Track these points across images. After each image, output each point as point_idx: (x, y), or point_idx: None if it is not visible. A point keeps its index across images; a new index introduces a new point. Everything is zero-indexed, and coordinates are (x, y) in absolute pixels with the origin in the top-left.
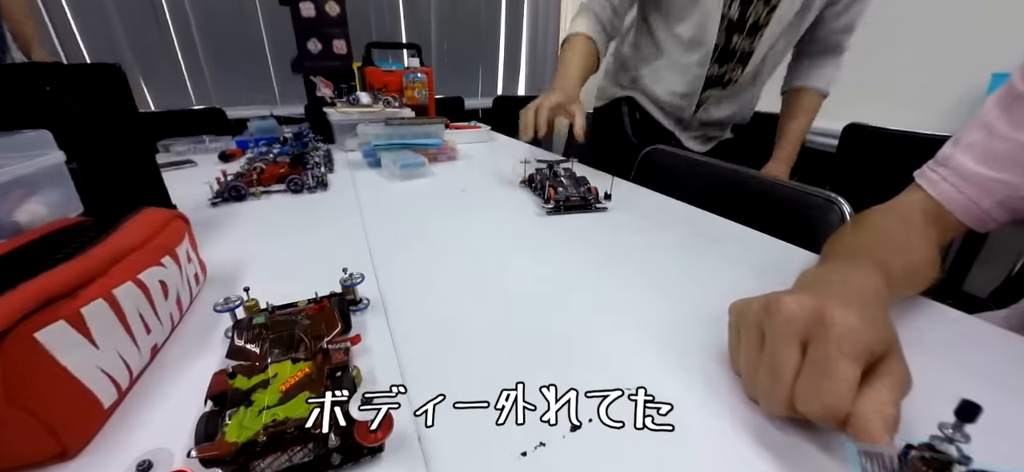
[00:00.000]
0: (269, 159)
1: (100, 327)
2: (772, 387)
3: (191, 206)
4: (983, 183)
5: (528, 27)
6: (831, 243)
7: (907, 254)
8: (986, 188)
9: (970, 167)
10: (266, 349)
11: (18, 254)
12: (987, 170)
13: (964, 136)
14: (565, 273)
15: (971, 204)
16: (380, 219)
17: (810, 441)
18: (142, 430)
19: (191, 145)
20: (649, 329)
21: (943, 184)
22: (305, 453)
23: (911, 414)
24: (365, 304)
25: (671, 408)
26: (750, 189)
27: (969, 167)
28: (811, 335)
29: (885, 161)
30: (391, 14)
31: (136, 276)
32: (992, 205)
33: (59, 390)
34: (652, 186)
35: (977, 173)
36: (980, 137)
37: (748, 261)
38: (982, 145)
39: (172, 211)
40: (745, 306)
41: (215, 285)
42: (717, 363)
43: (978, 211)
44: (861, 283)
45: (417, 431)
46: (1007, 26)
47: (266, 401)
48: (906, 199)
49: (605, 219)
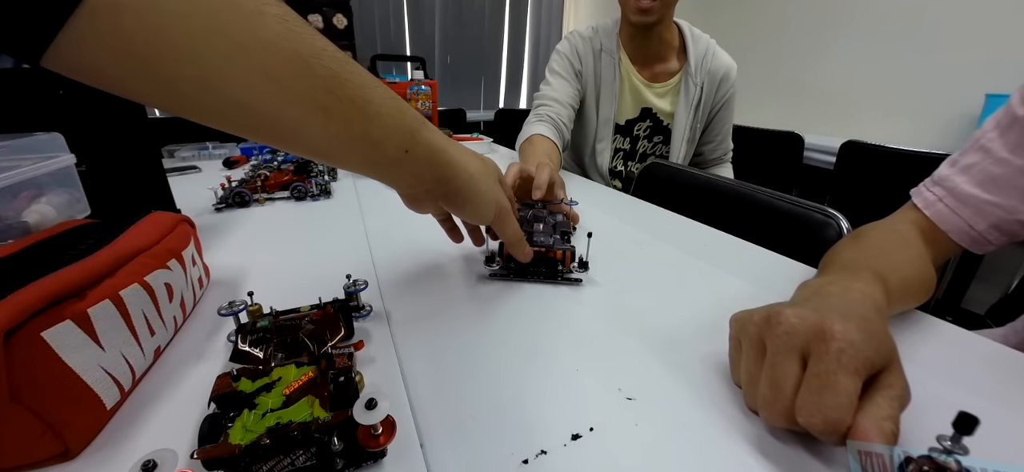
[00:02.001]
0: (273, 166)
1: (106, 328)
2: (773, 399)
3: (195, 211)
4: (978, 206)
5: (530, 40)
6: (829, 255)
7: (904, 268)
8: (981, 211)
9: (965, 189)
10: (270, 353)
11: (27, 254)
12: (982, 193)
13: (961, 157)
14: (565, 280)
15: (965, 226)
16: (383, 228)
17: (810, 452)
18: (144, 431)
19: (196, 151)
20: (650, 340)
21: (938, 204)
22: (308, 457)
23: (910, 427)
24: (368, 311)
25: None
26: (749, 203)
27: (964, 189)
28: (812, 348)
29: (882, 178)
30: (396, 27)
31: (142, 278)
32: (987, 228)
33: (63, 389)
34: (652, 200)
35: (972, 195)
36: (977, 159)
37: (748, 274)
38: (978, 167)
39: (179, 215)
40: (746, 318)
41: (219, 289)
42: (718, 375)
43: (973, 233)
44: (861, 295)
45: (419, 437)
46: (1001, 48)
47: (270, 404)
48: (902, 216)
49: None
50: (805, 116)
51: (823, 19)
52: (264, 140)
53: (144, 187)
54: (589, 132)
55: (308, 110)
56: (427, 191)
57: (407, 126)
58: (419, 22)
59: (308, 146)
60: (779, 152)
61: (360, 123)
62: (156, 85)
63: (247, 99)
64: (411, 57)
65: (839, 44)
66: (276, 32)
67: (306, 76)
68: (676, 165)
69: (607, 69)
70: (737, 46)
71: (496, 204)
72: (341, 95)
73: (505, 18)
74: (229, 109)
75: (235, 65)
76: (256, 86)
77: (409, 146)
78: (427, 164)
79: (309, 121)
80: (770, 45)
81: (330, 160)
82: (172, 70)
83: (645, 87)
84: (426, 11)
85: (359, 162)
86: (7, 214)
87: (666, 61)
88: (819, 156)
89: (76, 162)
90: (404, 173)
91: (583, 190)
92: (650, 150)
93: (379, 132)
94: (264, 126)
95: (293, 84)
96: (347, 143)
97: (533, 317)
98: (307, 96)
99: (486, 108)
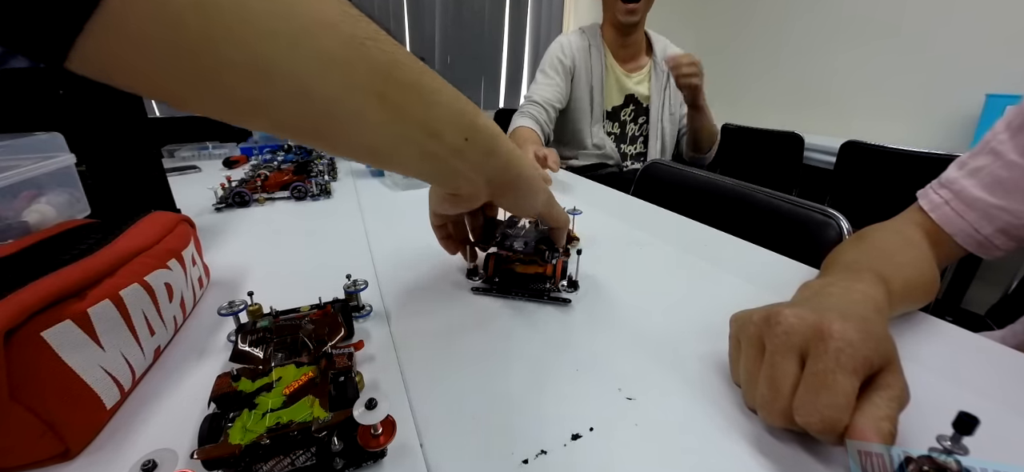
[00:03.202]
0: (273, 166)
1: (106, 328)
2: (771, 398)
3: (195, 211)
4: (985, 210)
5: (530, 41)
6: (832, 256)
7: (908, 270)
8: (988, 215)
9: (973, 192)
10: (270, 353)
11: (27, 254)
12: (990, 196)
13: (970, 159)
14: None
15: (971, 230)
16: (383, 228)
17: (809, 452)
18: (144, 431)
19: (196, 151)
20: (650, 339)
21: (945, 207)
22: (308, 457)
23: (910, 427)
24: (368, 311)
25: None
26: (749, 203)
27: (971, 192)
28: (810, 348)
29: (882, 178)
30: (396, 27)
31: (142, 278)
32: (993, 232)
33: (63, 389)
34: (651, 200)
35: (979, 199)
36: (986, 162)
37: (747, 274)
38: (987, 170)
39: (179, 215)
40: (746, 318)
41: (219, 289)
42: (717, 374)
43: (979, 237)
44: (862, 296)
45: (419, 437)
46: (1001, 48)
47: (270, 404)
48: (907, 218)
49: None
50: (805, 116)
51: (823, 19)
52: (309, 139)
53: (144, 187)
54: (584, 118)
55: (366, 99)
56: (487, 182)
57: (466, 112)
58: (419, 22)
59: (361, 141)
60: (779, 152)
61: (419, 111)
62: (196, 78)
63: (304, 88)
64: None
65: (839, 44)
66: (337, 13)
67: (364, 61)
68: (676, 165)
69: (596, 63)
70: (737, 46)
71: (546, 191)
72: (400, 80)
73: (505, 18)
74: (281, 102)
75: (298, 50)
76: (315, 73)
77: (469, 134)
78: (487, 152)
79: (366, 111)
80: (770, 45)
81: (381, 157)
82: (220, 56)
83: (626, 77)
84: (426, 11)
85: (414, 157)
86: (7, 214)
87: (638, 57)
88: (819, 156)
89: (76, 162)
90: (464, 165)
91: (583, 190)
92: (637, 132)
93: (438, 121)
94: (316, 121)
95: (352, 70)
96: (402, 135)
97: (534, 317)
98: (366, 83)
99: (486, 108)
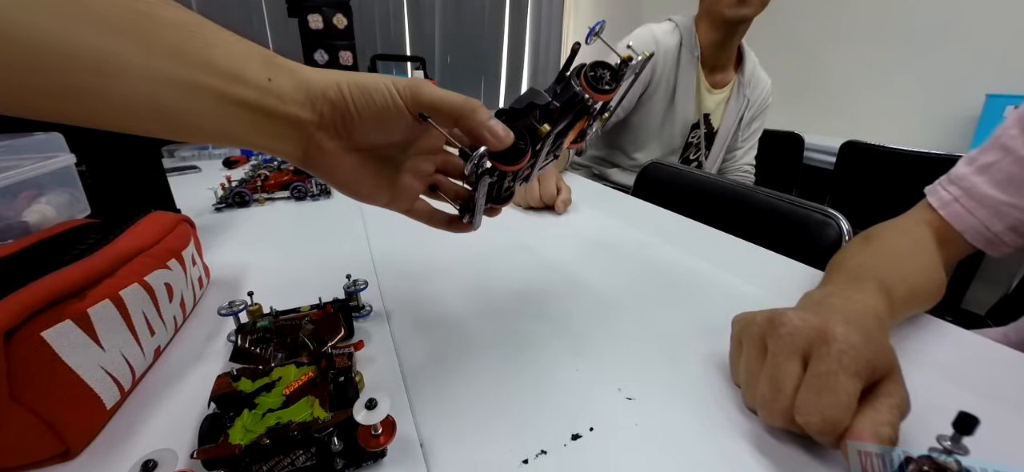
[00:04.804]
0: (273, 166)
1: (106, 328)
2: (772, 398)
3: (195, 211)
4: (996, 207)
5: (530, 39)
6: (837, 258)
7: (913, 278)
8: (998, 212)
9: (983, 189)
10: (270, 353)
11: (27, 254)
12: (1001, 194)
13: (980, 155)
14: (565, 281)
15: (982, 227)
16: (382, 228)
17: (808, 452)
18: (144, 431)
19: (196, 150)
20: (650, 340)
21: (954, 204)
22: (308, 457)
23: (910, 426)
24: (368, 311)
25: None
26: (749, 204)
27: (982, 189)
28: (813, 350)
29: (882, 178)
30: (396, 27)
31: (142, 278)
32: (1003, 230)
33: (63, 389)
34: (652, 200)
35: (990, 196)
36: (996, 158)
37: (748, 274)
38: (998, 167)
39: (179, 215)
40: (749, 319)
41: (219, 289)
42: (717, 374)
43: (989, 235)
44: (864, 306)
45: (419, 437)
46: (1001, 48)
47: (270, 404)
48: (916, 216)
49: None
50: (805, 116)
51: (823, 19)
52: (74, 110)
53: (144, 187)
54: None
55: (115, 37)
56: (319, 118)
57: (258, 51)
58: (419, 22)
59: (130, 97)
60: (779, 152)
61: (198, 49)
62: None
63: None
64: (411, 57)
65: (839, 44)
66: None
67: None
68: (677, 165)
69: (687, 74)
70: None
71: (391, 79)
72: (161, 18)
73: (505, 18)
74: (22, 67)
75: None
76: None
77: (271, 73)
78: (297, 86)
79: (123, 53)
80: (770, 45)
81: (167, 120)
82: None
83: (708, 93)
84: (426, 11)
85: (214, 112)
86: (7, 214)
87: (727, 69)
88: (819, 156)
89: (76, 162)
90: (282, 108)
91: (584, 190)
92: (692, 157)
93: (225, 58)
94: (67, 77)
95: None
96: (189, 84)
97: (534, 318)
98: (110, 16)
99: (487, 107)
